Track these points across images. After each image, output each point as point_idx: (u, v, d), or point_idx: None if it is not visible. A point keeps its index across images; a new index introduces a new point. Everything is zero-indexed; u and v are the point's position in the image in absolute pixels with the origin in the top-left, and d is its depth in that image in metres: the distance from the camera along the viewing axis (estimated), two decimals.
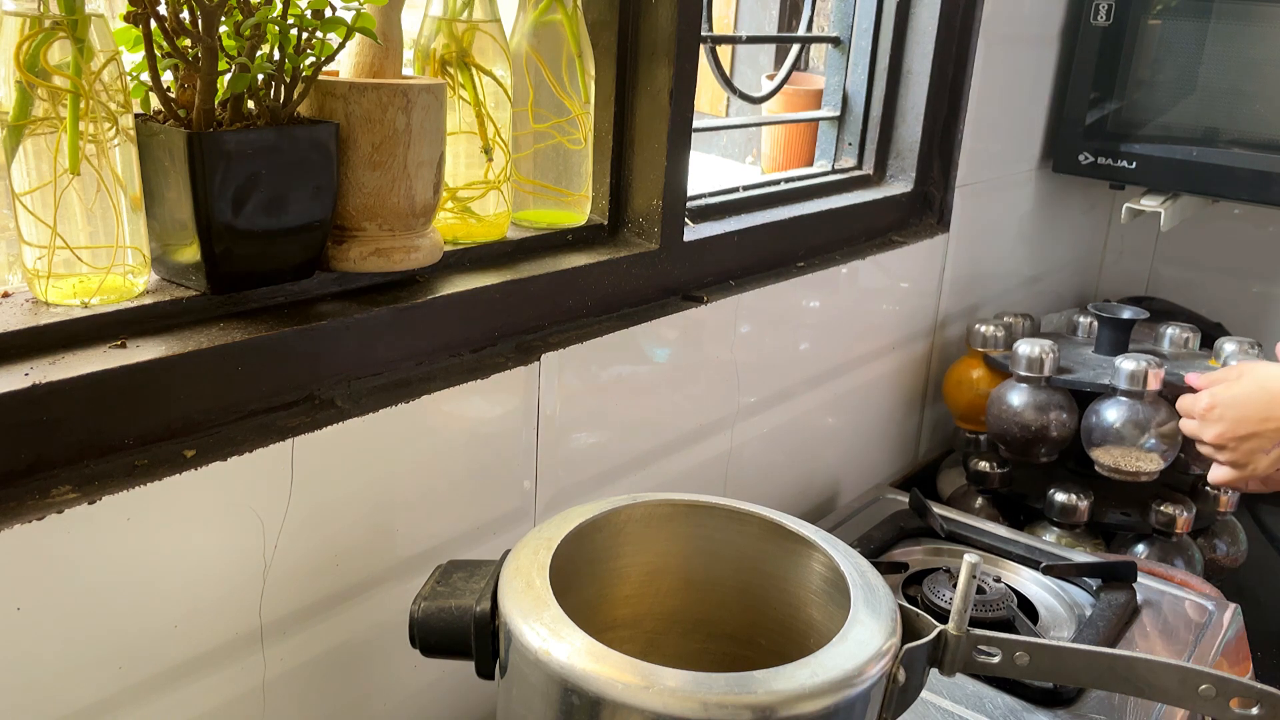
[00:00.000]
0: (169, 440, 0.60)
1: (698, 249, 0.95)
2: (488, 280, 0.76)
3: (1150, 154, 1.43)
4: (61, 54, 0.55)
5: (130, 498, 0.55)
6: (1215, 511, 1.25)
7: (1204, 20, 1.41)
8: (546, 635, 0.53)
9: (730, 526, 0.68)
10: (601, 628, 0.67)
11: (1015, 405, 1.22)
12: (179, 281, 0.64)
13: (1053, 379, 1.21)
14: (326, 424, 0.64)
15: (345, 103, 0.64)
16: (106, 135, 0.57)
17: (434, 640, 0.59)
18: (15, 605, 0.52)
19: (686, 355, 0.93)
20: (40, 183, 0.56)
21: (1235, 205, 1.59)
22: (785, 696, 0.50)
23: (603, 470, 0.88)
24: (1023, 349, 1.21)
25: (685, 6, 0.84)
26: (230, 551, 0.61)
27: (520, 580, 0.57)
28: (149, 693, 0.59)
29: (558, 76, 0.81)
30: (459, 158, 0.77)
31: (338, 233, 0.67)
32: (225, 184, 0.59)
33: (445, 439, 0.72)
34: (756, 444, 1.06)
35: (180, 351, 0.59)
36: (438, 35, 0.75)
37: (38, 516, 0.52)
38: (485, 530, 0.78)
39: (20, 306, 0.59)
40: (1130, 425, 1.15)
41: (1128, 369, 1.16)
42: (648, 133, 0.87)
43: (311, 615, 0.67)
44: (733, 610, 0.70)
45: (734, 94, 1.15)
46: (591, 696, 0.51)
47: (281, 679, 0.66)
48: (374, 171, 0.66)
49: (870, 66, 1.23)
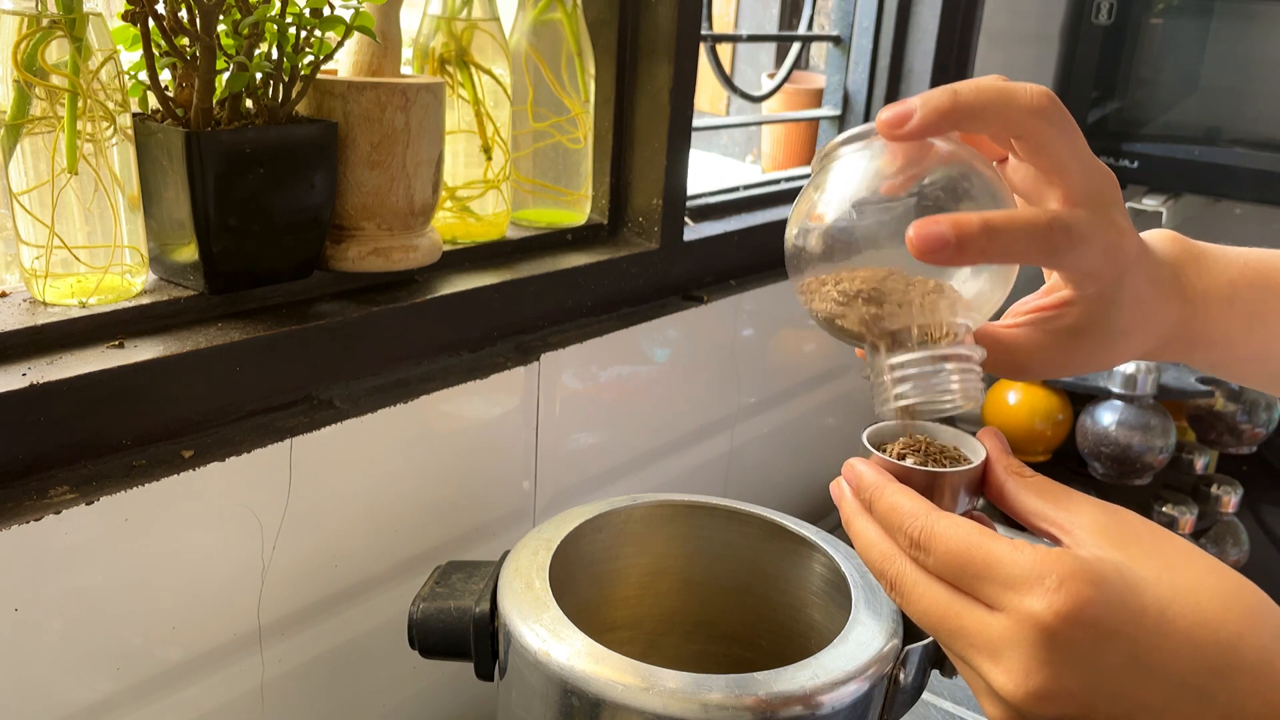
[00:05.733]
0: (167, 440, 0.60)
1: (698, 248, 0.95)
2: (487, 280, 0.76)
3: (1152, 153, 1.43)
4: (59, 53, 0.54)
5: (128, 498, 0.55)
6: (1218, 512, 1.24)
7: (1206, 19, 1.41)
8: (546, 636, 0.53)
9: (730, 527, 0.68)
10: (601, 629, 0.67)
11: (1111, 426, 1.17)
12: (177, 281, 0.63)
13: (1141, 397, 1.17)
14: (325, 424, 0.64)
15: (344, 102, 0.64)
16: (104, 134, 0.57)
17: (433, 641, 0.59)
18: (13, 606, 0.52)
19: (686, 355, 0.93)
20: (38, 182, 0.56)
21: (1237, 205, 1.59)
22: (786, 698, 0.50)
23: (603, 470, 0.87)
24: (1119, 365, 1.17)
25: (685, 5, 0.83)
26: (228, 552, 0.61)
27: (520, 581, 0.57)
28: (147, 694, 0.59)
29: (557, 75, 0.80)
30: (458, 157, 0.77)
31: (336, 232, 0.67)
32: (223, 183, 0.58)
33: (444, 439, 0.72)
34: (757, 444, 1.06)
35: (178, 351, 0.59)
36: (437, 34, 0.74)
37: (35, 517, 0.51)
38: (484, 531, 0.78)
39: (18, 306, 0.58)
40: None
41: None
42: (647, 132, 0.87)
43: (310, 616, 0.67)
44: (733, 611, 0.70)
45: (734, 93, 1.15)
46: (591, 698, 0.50)
47: (280, 680, 0.66)
48: (373, 171, 0.66)
49: (871, 65, 1.23)
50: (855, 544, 0.45)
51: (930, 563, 0.41)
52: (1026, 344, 0.49)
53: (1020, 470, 0.44)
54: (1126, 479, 1.18)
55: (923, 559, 0.41)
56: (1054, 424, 1.23)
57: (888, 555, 0.43)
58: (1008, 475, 0.44)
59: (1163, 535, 0.40)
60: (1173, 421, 1.18)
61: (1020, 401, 1.24)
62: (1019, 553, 0.39)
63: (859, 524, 0.45)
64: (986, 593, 0.39)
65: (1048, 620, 0.37)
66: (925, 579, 0.42)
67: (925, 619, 0.41)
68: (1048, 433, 1.23)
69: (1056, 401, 1.23)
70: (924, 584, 0.41)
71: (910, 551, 0.42)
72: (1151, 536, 0.40)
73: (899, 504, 0.43)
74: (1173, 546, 0.40)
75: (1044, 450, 1.26)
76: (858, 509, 0.45)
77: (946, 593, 0.41)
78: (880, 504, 0.44)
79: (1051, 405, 1.23)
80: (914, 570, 0.42)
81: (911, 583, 0.42)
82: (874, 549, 0.44)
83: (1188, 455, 1.24)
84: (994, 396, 1.27)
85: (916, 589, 0.42)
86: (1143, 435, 1.16)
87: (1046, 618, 0.37)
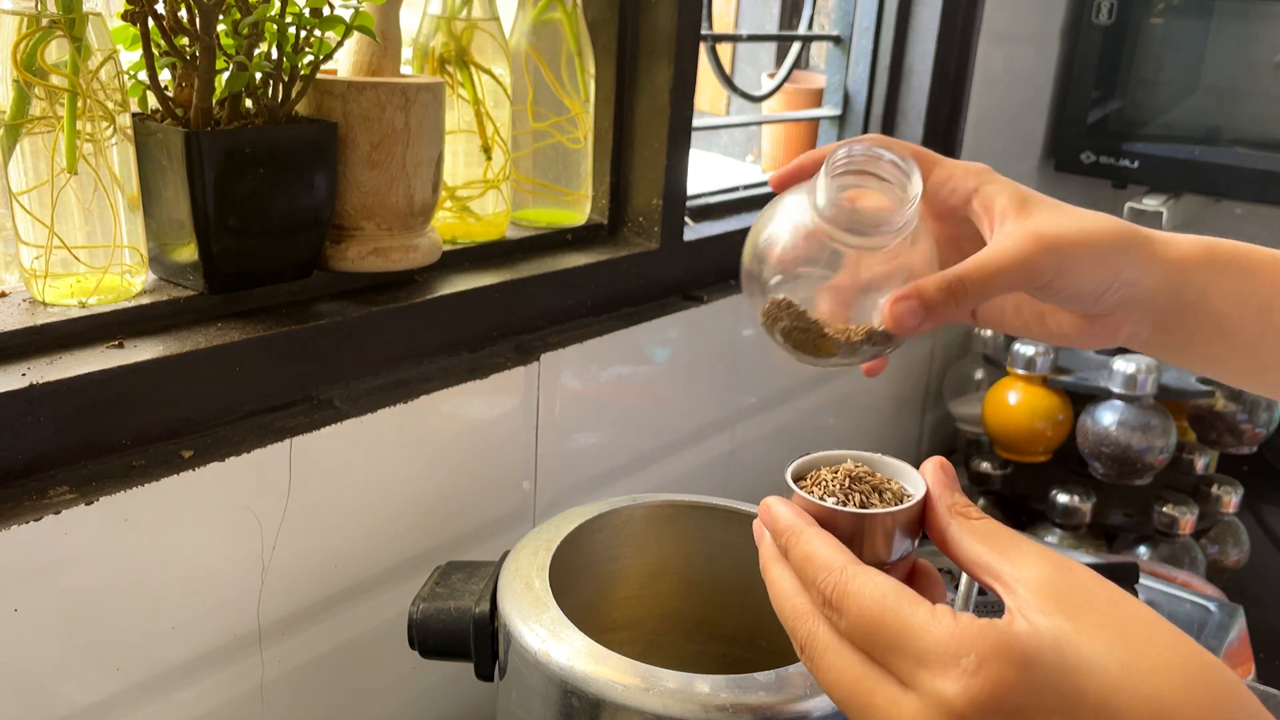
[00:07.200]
0: (167, 441, 0.59)
1: (698, 248, 0.95)
2: (487, 280, 0.76)
3: (1152, 153, 1.43)
4: (59, 53, 0.54)
5: (128, 498, 0.55)
6: (1218, 512, 1.24)
7: (1206, 19, 1.41)
8: (546, 637, 0.53)
9: (731, 527, 0.68)
10: (601, 629, 0.67)
11: (1111, 426, 1.16)
12: (177, 281, 0.63)
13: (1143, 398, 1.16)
14: (325, 424, 0.64)
15: (344, 101, 0.64)
16: (104, 134, 0.57)
17: (433, 642, 0.59)
18: (13, 606, 0.52)
19: (686, 355, 0.93)
20: (38, 182, 0.56)
21: (1237, 205, 1.59)
22: (786, 698, 0.50)
23: (602, 471, 0.87)
24: (1119, 365, 1.16)
25: (685, 4, 0.83)
26: (228, 552, 0.61)
27: (520, 581, 0.57)
28: (147, 694, 0.59)
29: (557, 75, 0.80)
30: (458, 157, 0.76)
31: (336, 232, 0.67)
32: (223, 183, 0.58)
33: (444, 439, 0.72)
34: (757, 444, 1.06)
35: (178, 351, 0.58)
36: (436, 33, 0.74)
37: (35, 517, 0.51)
38: (484, 531, 0.78)
39: (17, 306, 0.58)
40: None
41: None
42: (647, 131, 0.87)
43: (310, 616, 0.67)
44: (733, 612, 0.70)
45: (734, 92, 1.15)
46: (591, 698, 0.50)
47: (279, 680, 0.66)
48: (372, 170, 0.66)
49: (871, 65, 1.23)
50: (770, 593, 0.40)
51: (843, 625, 0.36)
52: None
53: (965, 510, 0.39)
54: (1127, 479, 1.18)
55: (835, 620, 0.36)
56: (1054, 424, 1.23)
57: (800, 612, 0.38)
58: (951, 516, 0.39)
59: (1121, 601, 0.34)
60: (1173, 421, 1.18)
61: (1020, 402, 1.24)
62: (935, 622, 0.34)
63: (774, 572, 0.40)
64: (899, 666, 0.34)
65: (960, 707, 0.32)
66: (838, 644, 0.36)
67: (833, 691, 0.36)
68: (1048, 433, 1.23)
69: (1057, 401, 1.23)
70: (835, 650, 0.36)
71: (823, 610, 0.37)
72: (1107, 602, 0.34)
73: (814, 553, 0.38)
74: (1131, 617, 0.34)
75: (1044, 450, 1.26)
76: (774, 554, 0.40)
77: (858, 663, 0.36)
78: (795, 552, 0.38)
79: (1051, 405, 1.23)
80: (826, 633, 0.37)
81: (822, 648, 0.37)
82: (786, 603, 0.39)
83: (1188, 455, 1.24)
84: (994, 396, 1.27)
85: (827, 655, 0.36)
86: (1143, 435, 1.15)
87: (959, 704, 0.32)
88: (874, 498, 0.41)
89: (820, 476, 0.42)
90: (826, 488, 0.41)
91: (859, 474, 0.42)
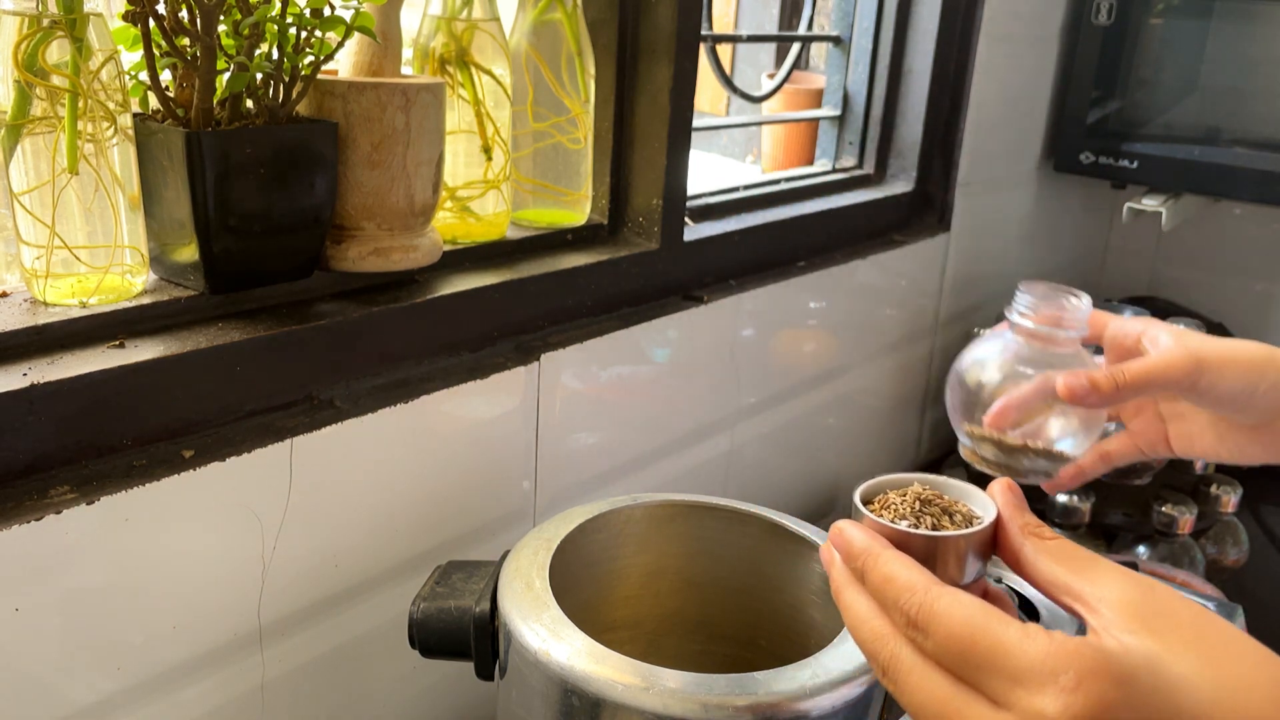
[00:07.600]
0: (167, 440, 0.60)
1: (698, 249, 0.95)
2: (487, 280, 0.76)
3: (1152, 153, 1.43)
4: (60, 53, 0.54)
5: (128, 498, 0.55)
6: (1217, 512, 1.24)
7: (1206, 19, 1.41)
8: (546, 636, 0.53)
9: (731, 527, 0.68)
10: (601, 629, 0.67)
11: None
12: (177, 281, 0.63)
13: None
14: (325, 424, 0.64)
15: (344, 102, 0.64)
16: (105, 134, 0.57)
17: (433, 641, 0.59)
18: (13, 606, 0.52)
19: (686, 355, 0.93)
20: (38, 182, 0.56)
21: (1237, 205, 1.59)
22: (786, 697, 0.50)
23: (603, 470, 0.88)
24: None
25: (685, 5, 0.83)
26: (229, 552, 0.61)
27: (520, 581, 0.57)
28: (147, 694, 0.59)
29: (557, 75, 0.80)
30: (458, 157, 0.77)
31: (336, 232, 0.67)
32: (223, 183, 0.59)
33: (444, 439, 0.72)
34: (757, 444, 1.06)
35: (178, 351, 0.59)
36: (437, 34, 0.74)
37: (36, 517, 0.52)
38: (485, 531, 0.78)
39: (18, 306, 0.58)
40: None
41: None
42: (647, 132, 0.87)
43: (310, 616, 0.67)
44: (733, 611, 0.70)
45: (734, 93, 1.15)
46: (592, 698, 0.50)
47: (280, 680, 0.66)
48: (373, 171, 0.66)
49: (871, 65, 1.23)
50: (845, 618, 0.40)
51: (929, 646, 0.36)
52: None
53: (1039, 530, 0.39)
54: (1126, 479, 1.18)
55: (920, 641, 0.36)
56: None
57: (880, 635, 0.38)
58: (1024, 537, 0.39)
59: (1204, 618, 0.35)
60: None
61: None
62: (1030, 641, 0.34)
63: (848, 596, 0.40)
64: (991, 686, 0.34)
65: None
66: (923, 665, 0.36)
67: (921, 712, 0.36)
68: None
69: None
70: (921, 671, 0.36)
71: (906, 632, 0.37)
72: (1192, 620, 0.34)
73: (894, 574, 0.37)
74: (1217, 634, 0.34)
75: None
76: (848, 579, 0.40)
77: (947, 683, 0.35)
78: (873, 575, 0.38)
79: None
80: (910, 654, 0.37)
81: (907, 669, 0.36)
82: (865, 626, 0.38)
83: None
84: None
85: (912, 677, 0.36)
86: None
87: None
88: (944, 520, 0.41)
89: (889, 500, 0.42)
90: (896, 511, 0.42)
91: (928, 497, 0.42)
